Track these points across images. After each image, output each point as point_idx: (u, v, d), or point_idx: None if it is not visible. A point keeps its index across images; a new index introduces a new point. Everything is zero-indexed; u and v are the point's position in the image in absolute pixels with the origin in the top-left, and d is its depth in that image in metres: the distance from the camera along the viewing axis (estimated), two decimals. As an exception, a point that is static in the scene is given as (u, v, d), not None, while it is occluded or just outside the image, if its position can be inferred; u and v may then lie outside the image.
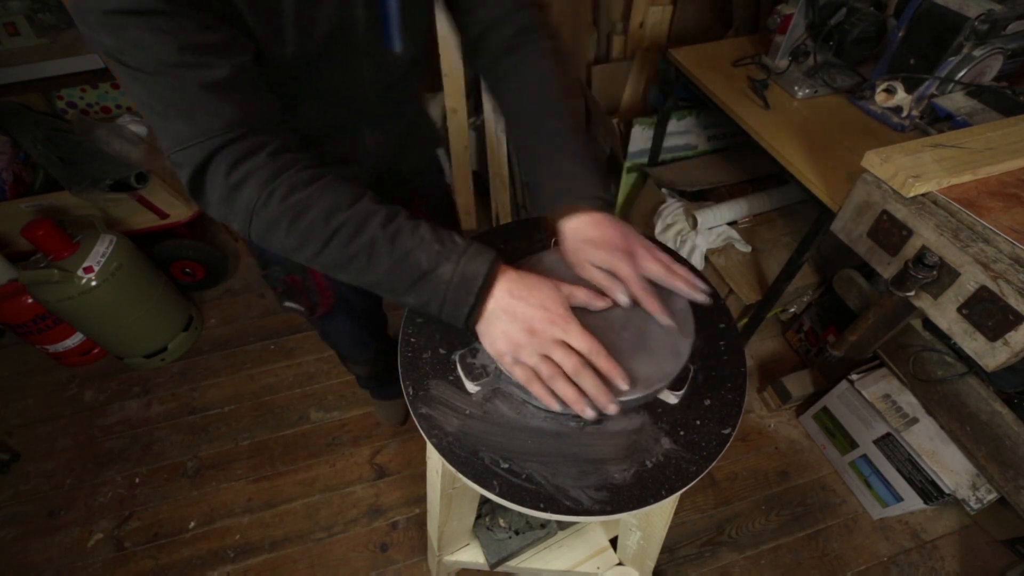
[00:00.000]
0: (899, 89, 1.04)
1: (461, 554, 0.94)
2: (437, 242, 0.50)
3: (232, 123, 0.46)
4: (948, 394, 1.07)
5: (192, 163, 0.46)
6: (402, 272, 0.49)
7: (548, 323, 0.49)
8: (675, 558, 1.22)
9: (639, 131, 1.64)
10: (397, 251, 0.49)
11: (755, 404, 1.48)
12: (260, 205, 0.47)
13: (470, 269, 0.49)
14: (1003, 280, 0.69)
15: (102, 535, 1.26)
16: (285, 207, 0.47)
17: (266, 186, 0.47)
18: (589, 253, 0.56)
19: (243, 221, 0.48)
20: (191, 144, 0.46)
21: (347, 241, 0.48)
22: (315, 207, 0.48)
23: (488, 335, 0.51)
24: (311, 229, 0.48)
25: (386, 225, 0.49)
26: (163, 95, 0.45)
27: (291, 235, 0.48)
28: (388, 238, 0.49)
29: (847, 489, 1.33)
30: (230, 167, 0.46)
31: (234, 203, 0.48)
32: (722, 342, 0.60)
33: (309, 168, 0.50)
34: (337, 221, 0.48)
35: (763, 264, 1.41)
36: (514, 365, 0.50)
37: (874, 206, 0.84)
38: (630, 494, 0.49)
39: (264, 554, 1.23)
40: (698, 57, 1.32)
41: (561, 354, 0.48)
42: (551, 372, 0.48)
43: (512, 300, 0.50)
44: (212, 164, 0.46)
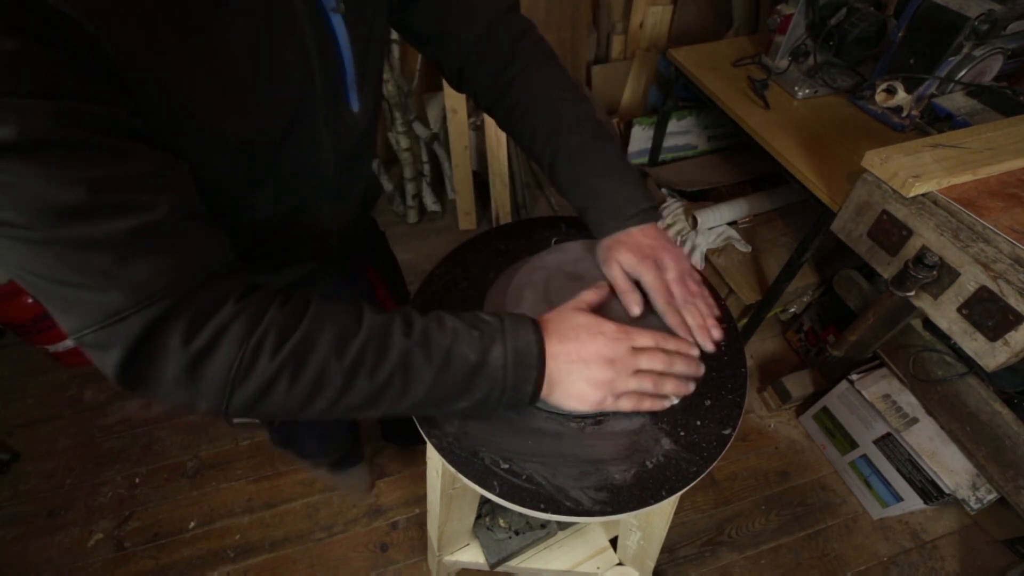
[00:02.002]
0: (899, 89, 1.04)
1: (461, 554, 0.94)
2: (471, 328, 0.44)
3: (180, 276, 0.35)
4: (948, 394, 1.07)
5: (125, 341, 0.34)
6: (450, 377, 0.43)
7: (615, 343, 0.47)
8: (675, 558, 1.22)
9: (639, 131, 1.64)
10: (436, 356, 0.42)
11: (755, 404, 1.48)
12: (244, 369, 0.37)
13: (521, 342, 0.45)
14: (1003, 280, 0.69)
15: (102, 535, 1.26)
16: (281, 360, 0.38)
17: (246, 342, 0.37)
18: (619, 251, 0.56)
19: (217, 396, 0.38)
20: (121, 316, 0.34)
21: (373, 369, 0.40)
22: (319, 346, 0.39)
23: (571, 394, 0.47)
24: (323, 375, 0.39)
25: (409, 332, 0.42)
26: (67, 259, 0.32)
27: (295, 392, 0.39)
28: (420, 345, 0.42)
29: (847, 489, 1.33)
30: (188, 332, 0.35)
31: (201, 378, 0.37)
32: (722, 342, 0.60)
33: (288, 299, 0.41)
34: (353, 351, 0.40)
35: (763, 264, 1.41)
36: (618, 400, 0.48)
37: (874, 206, 0.84)
38: (630, 495, 0.49)
39: (264, 554, 1.23)
40: (698, 57, 1.32)
41: (647, 360, 0.48)
42: (652, 382, 0.48)
43: (572, 346, 0.47)
44: (159, 335, 0.35)
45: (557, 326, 0.48)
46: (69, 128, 0.30)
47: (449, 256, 0.69)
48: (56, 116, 0.29)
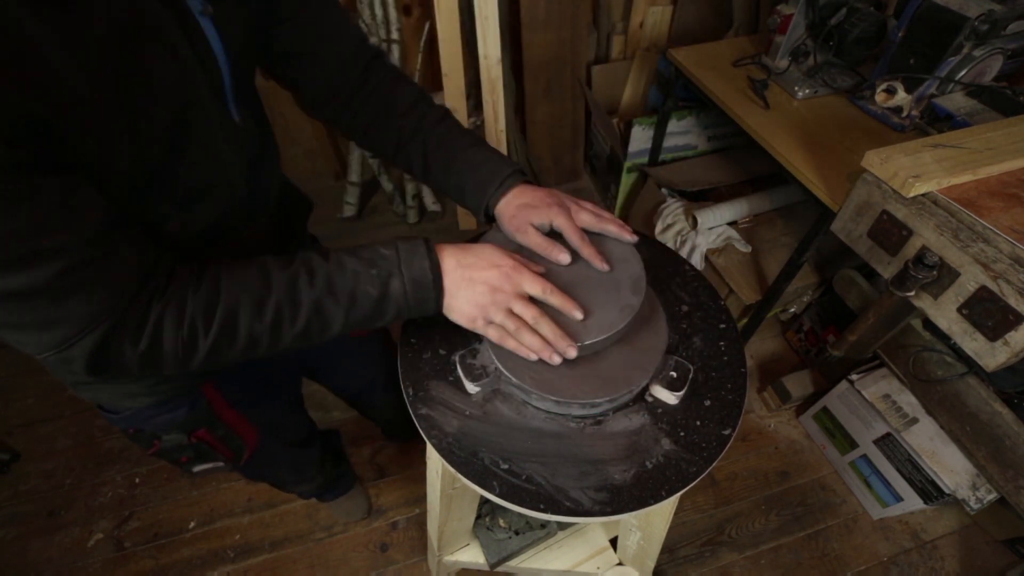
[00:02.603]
0: (899, 89, 1.04)
1: (461, 554, 0.94)
2: (369, 265, 0.49)
3: (115, 297, 0.39)
4: (948, 394, 1.07)
5: (83, 354, 0.40)
6: (359, 311, 0.49)
7: (504, 278, 0.51)
8: (675, 558, 1.22)
9: (639, 131, 1.64)
10: (342, 298, 0.48)
11: (755, 404, 1.48)
12: (187, 351, 0.43)
13: (415, 270, 0.50)
14: (1003, 280, 0.69)
15: (102, 535, 1.26)
16: (214, 337, 0.44)
17: (180, 330, 0.42)
18: (527, 214, 0.58)
19: (176, 369, 0.45)
20: (72, 342, 0.39)
21: (292, 320, 0.47)
22: (242, 316, 0.45)
23: (455, 309, 0.52)
24: (252, 334, 0.45)
25: (313, 281, 0.47)
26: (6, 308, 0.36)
27: (235, 350, 0.46)
28: (326, 292, 0.47)
29: (847, 489, 1.33)
30: (132, 338, 0.41)
31: (157, 364, 0.43)
32: (722, 342, 0.60)
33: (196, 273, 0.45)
34: (271, 310, 0.46)
35: (763, 264, 1.41)
36: (487, 327, 0.52)
37: (874, 206, 0.84)
38: (630, 495, 0.49)
39: (264, 554, 1.23)
40: (698, 57, 1.32)
41: (521, 306, 0.51)
42: (516, 325, 0.51)
43: (464, 270, 0.51)
44: (111, 345, 0.40)
45: (459, 251, 0.53)
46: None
47: (449, 256, 0.69)
48: None
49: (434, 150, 0.63)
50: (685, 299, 0.65)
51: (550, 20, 1.63)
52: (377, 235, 1.95)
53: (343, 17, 0.62)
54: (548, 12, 1.61)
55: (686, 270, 0.68)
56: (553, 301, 0.52)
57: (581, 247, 0.56)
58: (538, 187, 0.61)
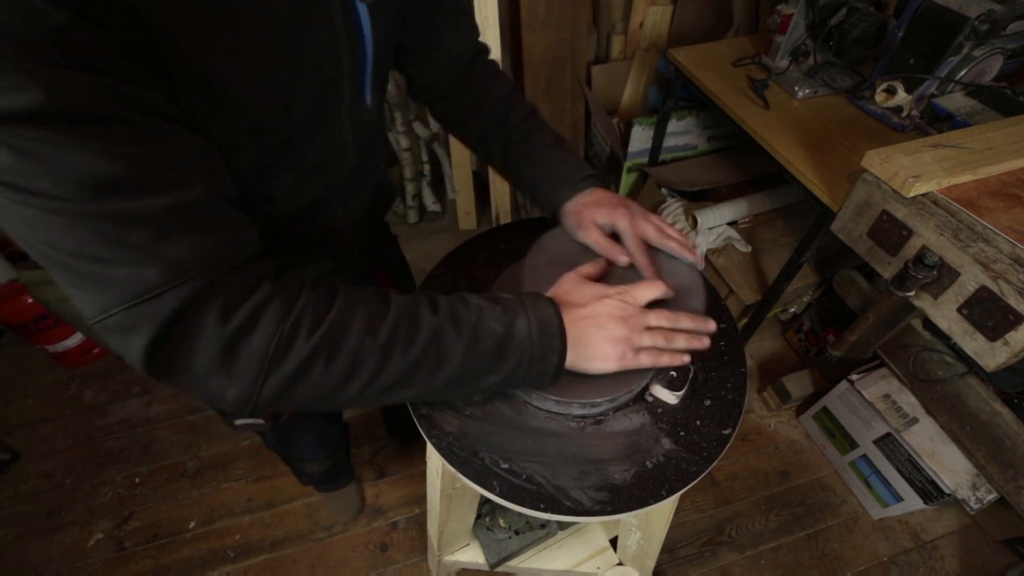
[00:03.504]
0: (899, 89, 1.04)
1: (461, 554, 0.94)
2: (494, 303, 0.46)
3: (216, 255, 0.35)
4: (948, 394, 1.07)
5: (156, 319, 0.33)
6: (480, 350, 0.43)
7: (623, 303, 0.50)
8: (675, 558, 1.22)
9: (639, 131, 1.64)
10: (465, 331, 0.43)
11: (755, 404, 1.48)
12: (281, 349, 0.37)
13: (541, 313, 0.46)
14: (1003, 280, 0.69)
15: (102, 535, 1.26)
16: (318, 339, 0.38)
17: (283, 321, 0.37)
18: (592, 212, 0.59)
19: (252, 379, 0.37)
20: (155, 293, 0.33)
21: (407, 346, 0.41)
22: (353, 324, 0.39)
23: (595, 356, 0.48)
24: (358, 353, 0.39)
25: (436, 310, 0.43)
26: (103, 233, 0.31)
27: (331, 372, 0.39)
28: (449, 321, 0.43)
29: (847, 489, 1.33)
30: (225, 310, 0.35)
31: (237, 359, 0.36)
32: (722, 342, 0.60)
33: (317, 283, 0.41)
34: (386, 329, 0.40)
35: (763, 264, 1.41)
36: (638, 356, 0.49)
37: (874, 206, 0.84)
38: (630, 494, 0.49)
39: (264, 554, 1.23)
40: (698, 57, 1.32)
41: (655, 317, 0.50)
42: (664, 337, 0.50)
43: (579, 311, 0.48)
44: (194, 314, 0.34)
45: (566, 295, 0.51)
46: (110, 104, 0.30)
47: (449, 256, 0.69)
48: (97, 91, 0.29)
49: (516, 144, 0.63)
50: (685, 299, 0.65)
51: (550, 20, 1.63)
52: (377, 235, 1.95)
53: (467, 20, 0.65)
54: (548, 12, 1.61)
55: (686, 270, 0.68)
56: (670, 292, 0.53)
57: (636, 254, 0.56)
58: (610, 192, 0.61)
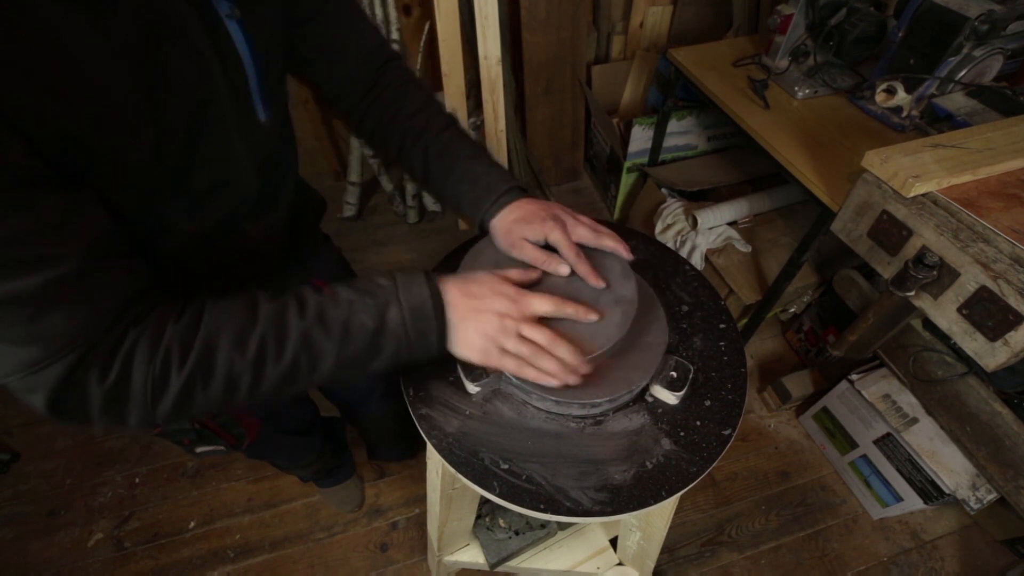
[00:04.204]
0: (899, 89, 1.04)
1: (461, 554, 0.94)
2: (364, 295, 0.46)
3: (93, 323, 0.37)
4: (948, 394, 1.07)
5: (47, 385, 0.36)
6: (353, 346, 0.45)
7: (510, 303, 0.49)
8: (675, 558, 1.22)
9: (639, 131, 1.64)
10: (334, 330, 0.44)
11: (755, 404, 1.48)
12: (157, 388, 0.39)
13: (414, 298, 0.47)
14: (1003, 280, 0.69)
15: (102, 535, 1.26)
16: (189, 371, 0.39)
17: (152, 363, 0.38)
18: (521, 229, 0.57)
19: (141, 415, 0.39)
20: (40, 367, 0.35)
21: (277, 356, 0.42)
22: (220, 347, 0.41)
23: (464, 343, 0.49)
24: (231, 371, 0.41)
25: (303, 312, 0.44)
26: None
27: (211, 393, 0.41)
28: (317, 323, 0.44)
29: (847, 489, 1.33)
30: (102, 371, 0.37)
31: (121, 405, 0.39)
32: (722, 342, 0.60)
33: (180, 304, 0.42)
34: (254, 344, 0.42)
35: (763, 264, 1.41)
36: (502, 357, 0.49)
37: (874, 206, 0.84)
38: (630, 495, 0.49)
39: (264, 554, 1.23)
40: (698, 57, 1.32)
41: (531, 330, 0.49)
42: (532, 351, 0.48)
43: (469, 299, 0.49)
44: (77, 379, 0.37)
45: (459, 282, 0.50)
46: None
47: (449, 256, 0.69)
48: None
49: (435, 158, 0.62)
50: (685, 299, 0.65)
51: (550, 20, 1.63)
52: (377, 235, 1.95)
53: (361, 22, 0.62)
54: (548, 12, 1.61)
55: (686, 270, 0.69)
56: (568, 311, 0.51)
57: (576, 264, 0.55)
58: (535, 200, 0.60)
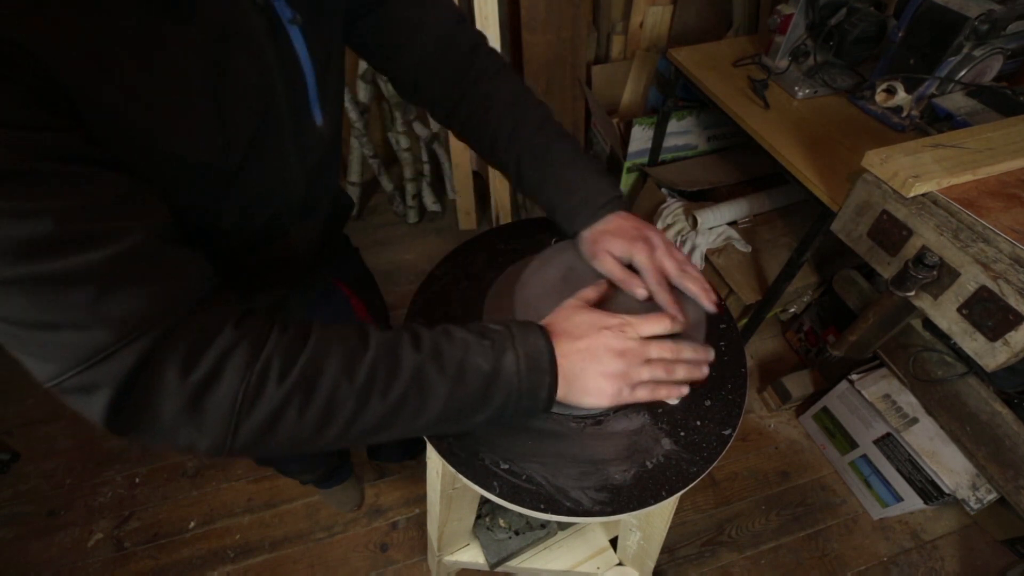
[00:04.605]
0: (899, 89, 1.04)
1: (461, 554, 0.94)
2: (480, 337, 0.43)
3: (169, 303, 0.34)
4: (948, 394, 1.07)
5: (115, 379, 0.31)
6: (465, 389, 0.41)
7: (622, 335, 0.46)
8: (675, 558, 1.22)
9: (639, 131, 1.64)
10: (449, 368, 0.41)
11: (755, 404, 1.48)
12: (250, 398, 0.35)
13: (531, 347, 0.44)
14: (1003, 280, 0.69)
15: (102, 535, 1.26)
16: (290, 385, 0.36)
17: (250, 368, 0.35)
18: (608, 242, 0.56)
19: (221, 431, 0.35)
20: (108, 353, 0.31)
21: (386, 388, 0.39)
22: (328, 367, 0.37)
23: (587, 390, 0.45)
24: (334, 397, 0.37)
25: (419, 346, 0.41)
26: (40, 298, 0.30)
27: (306, 419, 0.37)
28: (432, 359, 0.40)
29: (847, 489, 1.33)
30: (186, 362, 0.33)
31: (204, 411, 0.34)
32: (722, 342, 0.60)
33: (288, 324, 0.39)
34: (364, 370, 0.38)
35: (763, 264, 1.41)
36: (635, 391, 0.46)
37: (874, 206, 0.84)
38: (630, 495, 0.49)
39: (264, 554, 1.23)
40: (698, 57, 1.32)
41: (657, 348, 0.47)
42: (664, 370, 0.47)
43: (576, 344, 0.46)
44: (153, 369, 0.32)
45: (562, 325, 0.47)
46: (25, 158, 0.28)
47: (449, 256, 0.69)
48: (9, 146, 0.27)
49: (528, 163, 0.59)
50: (685, 299, 0.65)
51: (550, 20, 1.63)
52: (377, 235, 1.95)
53: (430, 4, 0.59)
54: (548, 12, 1.61)
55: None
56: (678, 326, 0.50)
57: (658, 292, 0.53)
58: (632, 217, 0.58)
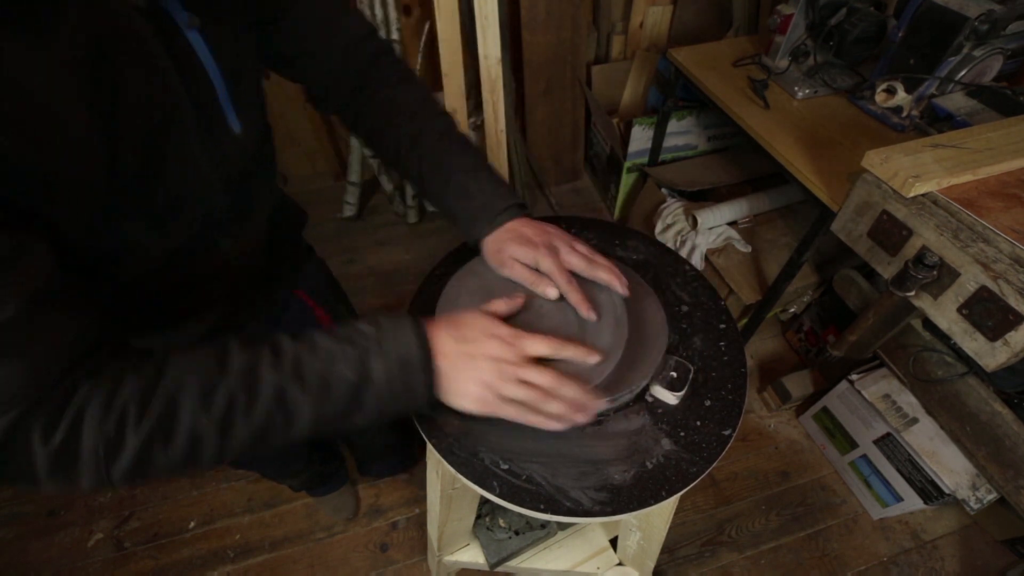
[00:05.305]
0: (899, 89, 1.04)
1: (461, 554, 0.94)
2: (345, 343, 0.42)
3: (35, 377, 0.33)
4: (948, 394, 1.07)
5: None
6: (332, 402, 0.41)
7: (505, 346, 0.46)
8: (675, 558, 1.22)
9: (639, 131, 1.64)
10: (311, 383, 0.40)
11: (755, 404, 1.48)
12: (111, 449, 0.35)
13: (400, 347, 0.43)
14: (1003, 280, 0.69)
15: (102, 535, 1.26)
16: (148, 430, 0.35)
17: (105, 421, 0.34)
18: (511, 249, 0.56)
19: (94, 477, 0.35)
20: None
21: (246, 413, 0.38)
22: (183, 403, 0.37)
23: (458, 392, 0.46)
24: (194, 432, 0.37)
25: (278, 364, 0.40)
26: None
27: (172, 454, 0.37)
28: (293, 377, 0.40)
29: (847, 489, 1.33)
30: (46, 430, 0.33)
31: (71, 467, 0.34)
32: (722, 342, 0.60)
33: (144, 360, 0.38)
34: (220, 400, 0.38)
35: (763, 264, 1.41)
36: (502, 405, 0.46)
37: (874, 206, 0.84)
38: (630, 495, 0.49)
39: (264, 554, 1.23)
40: (698, 57, 1.32)
41: (534, 373, 0.46)
42: (536, 396, 0.46)
43: (459, 345, 0.46)
44: (19, 438, 0.33)
45: (454, 325, 0.47)
46: None
47: (449, 256, 0.69)
48: None
49: (429, 171, 0.59)
50: (685, 299, 0.65)
51: (550, 20, 1.63)
52: (377, 235, 1.95)
53: (339, 13, 0.58)
54: (548, 12, 1.61)
55: (686, 270, 0.68)
56: (567, 353, 0.49)
57: (569, 292, 0.54)
58: (532, 222, 0.58)
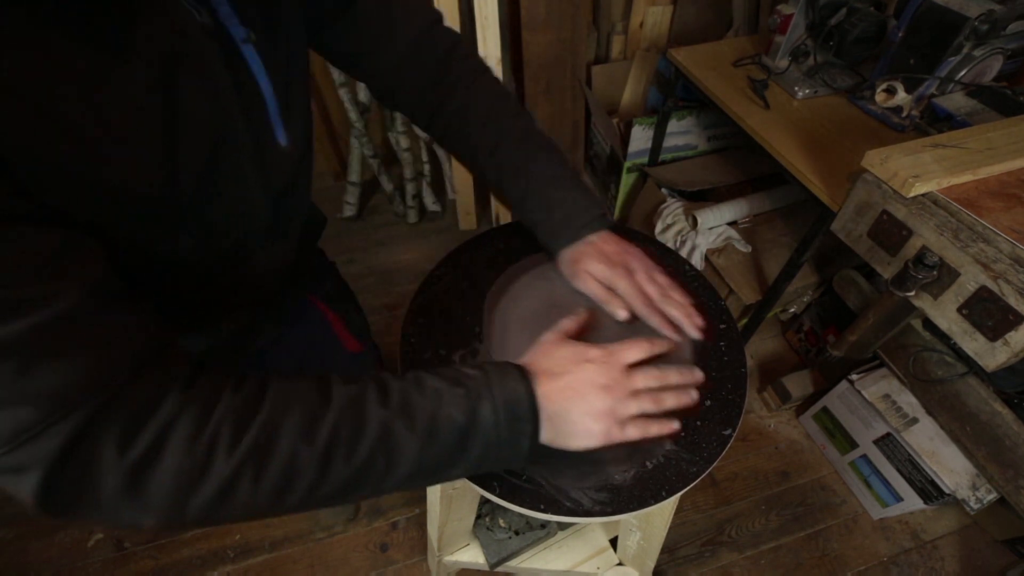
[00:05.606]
0: (899, 89, 1.04)
1: (461, 554, 0.94)
2: (454, 384, 0.40)
3: (101, 374, 0.30)
4: (948, 394, 1.07)
5: (44, 459, 0.28)
6: (438, 445, 0.38)
7: (605, 367, 0.45)
8: (675, 558, 1.22)
9: (639, 131, 1.64)
10: (420, 423, 0.37)
11: (755, 404, 1.48)
12: (197, 473, 0.31)
13: (509, 393, 0.40)
14: (1003, 280, 0.69)
15: (102, 535, 1.26)
16: (242, 455, 0.32)
17: (196, 440, 0.31)
18: (589, 263, 0.55)
19: (168, 509, 0.31)
20: (34, 432, 0.28)
21: (350, 450, 0.35)
22: (284, 431, 0.34)
23: (577, 433, 0.43)
24: (292, 465, 0.34)
25: (386, 401, 0.38)
26: None
27: (261, 489, 0.33)
28: (401, 414, 0.37)
29: (847, 489, 1.33)
30: (123, 438, 0.30)
31: (146, 490, 0.30)
32: (722, 342, 0.60)
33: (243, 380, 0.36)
34: (324, 433, 0.35)
35: (763, 264, 1.41)
36: (624, 428, 0.44)
37: (874, 206, 0.84)
38: (630, 495, 0.49)
39: (264, 554, 1.23)
40: (698, 57, 1.32)
41: (640, 377, 0.45)
42: (651, 400, 0.45)
43: (560, 380, 0.43)
44: (87, 448, 0.29)
45: (543, 363, 0.45)
46: None
47: (449, 256, 0.69)
48: None
49: (509, 180, 0.57)
50: (685, 299, 0.65)
51: (550, 20, 1.63)
52: (377, 235, 1.95)
53: (401, 9, 0.56)
54: (548, 12, 1.61)
55: (686, 270, 0.68)
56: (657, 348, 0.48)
57: (649, 315, 0.53)
58: (615, 239, 0.56)
